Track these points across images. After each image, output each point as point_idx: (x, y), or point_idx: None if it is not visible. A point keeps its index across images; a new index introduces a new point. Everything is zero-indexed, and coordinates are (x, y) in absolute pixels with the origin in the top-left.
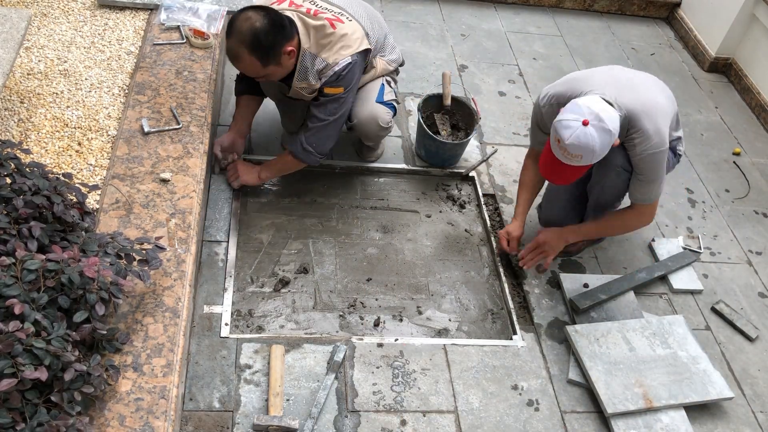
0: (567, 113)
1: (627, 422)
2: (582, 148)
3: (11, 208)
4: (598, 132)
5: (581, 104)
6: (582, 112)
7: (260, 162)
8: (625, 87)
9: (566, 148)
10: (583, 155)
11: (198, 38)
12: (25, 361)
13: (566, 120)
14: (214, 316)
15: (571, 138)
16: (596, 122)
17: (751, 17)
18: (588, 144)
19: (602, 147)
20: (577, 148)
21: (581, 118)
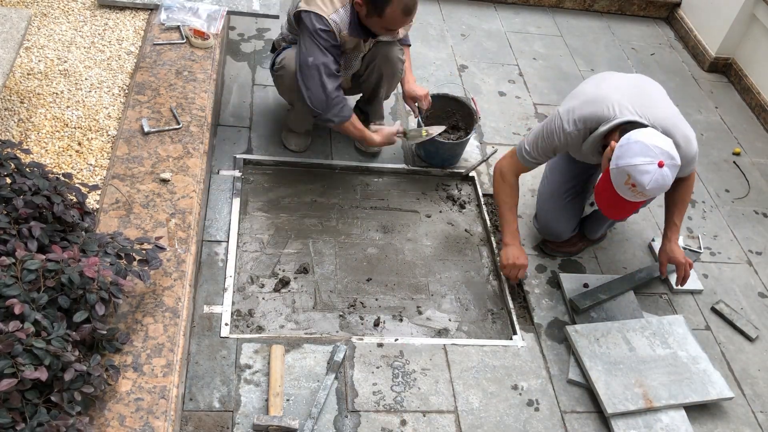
0: (638, 157)
1: (627, 422)
2: (660, 189)
3: (11, 208)
4: (672, 170)
5: (649, 144)
6: (654, 153)
7: (259, 162)
8: (645, 103)
9: (644, 192)
10: (657, 195)
11: (198, 38)
12: (25, 361)
13: (642, 165)
14: (214, 316)
15: (651, 183)
16: (669, 161)
17: (751, 17)
18: (666, 184)
19: (671, 181)
20: (656, 190)
21: (655, 161)
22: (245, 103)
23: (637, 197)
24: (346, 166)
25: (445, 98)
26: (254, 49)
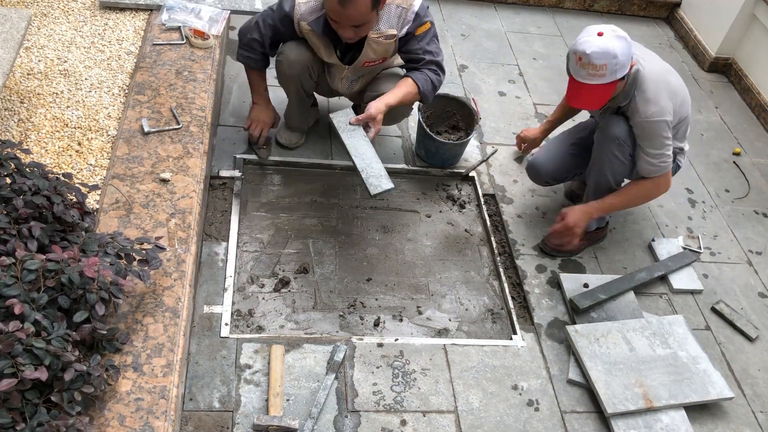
0: (582, 36)
1: (627, 422)
2: (604, 54)
3: (11, 208)
4: (616, 39)
5: (590, 29)
6: (593, 30)
7: (260, 163)
8: (650, 58)
9: (589, 62)
10: (606, 63)
11: (198, 38)
12: (25, 361)
13: (581, 38)
14: (214, 316)
15: (592, 47)
16: (610, 32)
17: (751, 17)
18: (608, 49)
19: (623, 53)
20: (599, 56)
21: (595, 32)
22: (245, 103)
23: (590, 72)
24: (346, 166)
25: (445, 98)
26: None
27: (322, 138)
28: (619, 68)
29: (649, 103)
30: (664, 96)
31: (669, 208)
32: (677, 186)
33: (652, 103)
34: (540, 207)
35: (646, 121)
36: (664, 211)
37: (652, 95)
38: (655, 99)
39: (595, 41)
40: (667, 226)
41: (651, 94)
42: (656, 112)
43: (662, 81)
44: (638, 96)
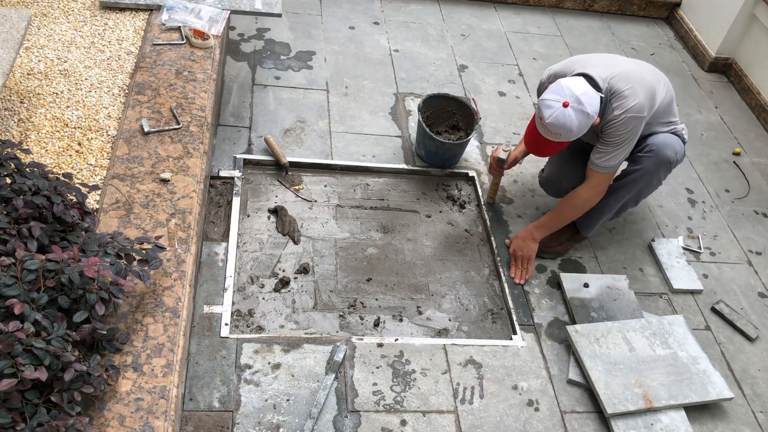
0: (551, 93)
1: (627, 422)
2: (560, 127)
3: (11, 208)
4: (577, 114)
5: (564, 86)
6: (564, 93)
7: (259, 162)
8: (616, 66)
9: (546, 126)
10: (561, 133)
11: (198, 38)
12: (25, 361)
13: (549, 100)
14: (214, 316)
15: (551, 118)
16: (576, 105)
17: (751, 17)
18: (566, 124)
19: (579, 127)
20: (556, 127)
21: (562, 100)
22: (245, 103)
23: (545, 132)
24: (346, 166)
25: (445, 98)
26: (254, 49)
27: (322, 138)
28: (574, 136)
29: (627, 98)
30: (640, 92)
31: (669, 208)
32: (677, 186)
33: (630, 98)
34: (540, 207)
35: (624, 115)
36: (664, 211)
37: (629, 92)
38: (633, 94)
39: (556, 112)
40: (667, 226)
41: (628, 91)
42: (634, 107)
43: (635, 78)
44: (614, 101)
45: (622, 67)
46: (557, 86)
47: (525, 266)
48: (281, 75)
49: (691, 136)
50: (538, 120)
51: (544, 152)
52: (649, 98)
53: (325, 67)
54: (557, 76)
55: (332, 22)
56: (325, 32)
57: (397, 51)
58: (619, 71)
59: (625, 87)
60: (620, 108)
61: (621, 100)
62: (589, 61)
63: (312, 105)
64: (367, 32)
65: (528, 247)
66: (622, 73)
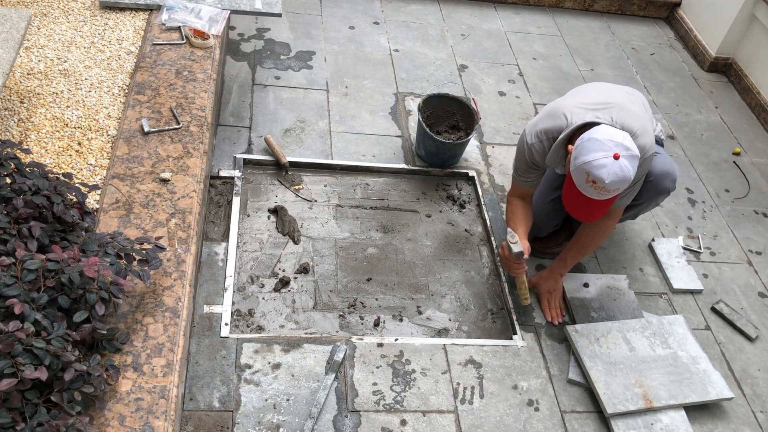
0: (592, 153)
1: (627, 422)
2: (621, 182)
3: (11, 208)
4: (630, 161)
5: (602, 139)
6: (608, 147)
7: (259, 162)
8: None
9: (605, 187)
10: (621, 187)
11: (198, 38)
12: (25, 361)
13: (596, 160)
14: (214, 316)
15: (610, 176)
16: (625, 152)
17: (751, 17)
18: (626, 176)
19: (635, 173)
20: (617, 183)
21: (610, 154)
22: (245, 103)
23: (601, 194)
24: (346, 165)
25: (445, 98)
26: (254, 49)
27: (322, 138)
28: (630, 185)
29: (640, 137)
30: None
31: (669, 208)
32: (677, 186)
33: (641, 137)
34: None
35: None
36: (664, 211)
37: (641, 130)
38: (643, 132)
39: (613, 168)
40: (667, 226)
41: (640, 130)
42: (649, 145)
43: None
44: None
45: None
46: (593, 144)
47: (557, 305)
48: (281, 75)
49: (691, 136)
50: (586, 185)
51: (597, 215)
52: (650, 126)
53: (325, 67)
54: (548, 134)
55: (332, 22)
56: (325, 32)
57: (397, 51)
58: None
59: (636, 125)
60: (644, 146)
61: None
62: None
63: (312, 105)
64: (367, 32)
65: (557, 284)
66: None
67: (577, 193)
